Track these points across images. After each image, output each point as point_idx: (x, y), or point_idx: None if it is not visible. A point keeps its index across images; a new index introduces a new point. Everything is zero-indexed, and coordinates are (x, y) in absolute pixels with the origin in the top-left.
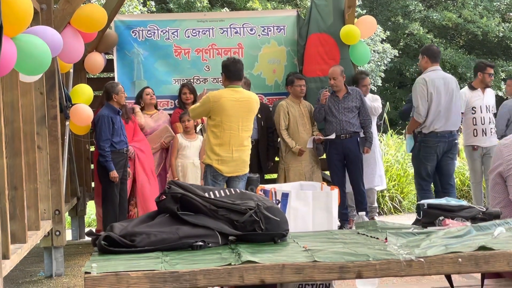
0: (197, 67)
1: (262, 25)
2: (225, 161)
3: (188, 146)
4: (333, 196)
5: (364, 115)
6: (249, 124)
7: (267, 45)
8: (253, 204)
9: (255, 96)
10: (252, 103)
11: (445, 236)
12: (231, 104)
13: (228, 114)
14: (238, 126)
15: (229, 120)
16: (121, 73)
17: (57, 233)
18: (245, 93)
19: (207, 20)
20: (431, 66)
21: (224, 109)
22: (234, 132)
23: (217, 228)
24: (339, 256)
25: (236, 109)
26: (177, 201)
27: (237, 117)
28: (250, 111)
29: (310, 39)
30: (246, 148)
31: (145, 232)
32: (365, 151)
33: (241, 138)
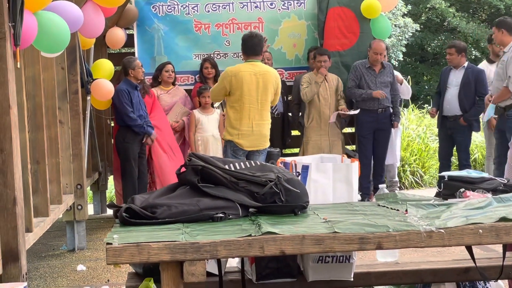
0: (217, 42)
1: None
2: (245, 135)
3: (206, 120)
4: (354, 169)
5: (395, 90)
6: (267, 98)
7: (288, 19)
8: (274, 176)
9: (273, 70)
10: (270, 77)
11: (466, 207)
12: (249, 77)
13: (248, 87)
14: (257, 99)
15: (248, 94)
16: (141, 49)
17: (79, 207)
18: (263, 67)
19: None
20: (510, 39)
21: (244, 82)
22: (253, 105)
23: (238, 200)
24: (359, 227)
25: (254, 83)
26: (198, 173)
27: (256, 90)
28: (268, 84)
29: (330, 13)
30: (266, 123)
31: (166, 204)
32: (395, 126)
33: (261, 112)
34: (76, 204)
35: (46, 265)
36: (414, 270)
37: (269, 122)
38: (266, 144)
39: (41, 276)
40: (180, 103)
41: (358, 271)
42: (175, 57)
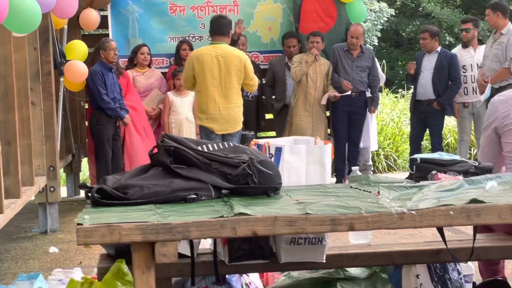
0: (192, 25)
1: None
2: (214, 119)
3: (180, 102)
4: (327, 151)
5: (374, 75)
6: (231, 81)
7: (263, 2)
8: (247, 158)
9: (238, 52)
10: (233, 59)
11: (437, 189)
12: (211, 60)
13: (210, 70)
14: (220, 83)
15: (211, 77)
16: (115, 31)
17: (52, 189)
18: (226, 49)
19: None
20: (505, 22)
21: (205, 65)
22: (217, 89)
23: (210, 181)
24: (331, 208)
25: (216, 65)
26: (170, 154)
27: (218, 73)
28: (231, 67)
29: None
30: (234, 105)
31: (138, 184)
32: (372, 111)
33: (226, 95)
34: (49, 186)
35: (17, 247)
36: (386, 252)
37: (238, 104)
38: (236, 127)
39: (13, 258)
40: (156, 86)
41: (331, 253)
42: (150, 40)
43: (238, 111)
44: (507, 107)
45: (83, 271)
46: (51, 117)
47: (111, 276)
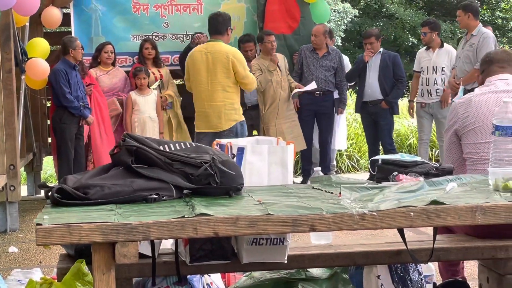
0: (155, 24)
1: None
2: (200, 117)
3: (143, 101)
4: (289, 151)
5: (340, 76)
6: (217, 78)
7: (227, 1)
8: (208, 158)
9: (227, 48)
10: (220, 55)
11: (398, 190)
12: (200, 57)
13: (198, 68)
14: (207, 80)
15: (199, 74)
16: (78, 29)
17: (12, 188)
18: (217, 46)
19: None
20: (476, 23)
21: (195, 63)
22: (203, 86)
23: (172, 181)
24: (292, 209)
25: (204, 63)
26: (132, 153)
27: (206, 70)
28: (217, 64)
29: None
30: (220, 104)
31: (99, 184)
32: (339, 112)
33: (212, 93)
34: (9, 184)
35: None
36: (347, 253)
37: (225, 103)
38: (223, 126)
39: None
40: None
41: (292, 254)
42: (113, 38)
43: (224, 109)
44: (467, 108)
45: (43, 271)
46: (11, 115)
47: (71, 277)
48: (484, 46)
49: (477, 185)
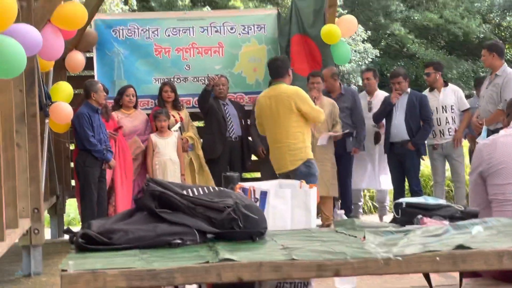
0: (177, 66)
1: (243, 23)
2: (272, 158)
3: (163, 143)
4: (312, 195)
5: (356, 116)
6: (281, 120)
7: (248, 43)
8: (232, 202)
9: (288, 89)
10: (281, 98)
11: (423, 234)
12: (265, 101)
13: (264, 112)
14: (273, 123)
15: (265, 118)
16: (101, 72)
17: (36, 232)
18: (280, 89)
19: (187, 19)
20: (501, 63)
21: (261, 107)
22: (271, 129)
23: (195, 225)
24: (317, 254)
25: (268, 107)
26: (155, 198)
27: (270, 114)
28: (280, 106)
29: (294, 39)
30: (284, 145)
31: (122, 229)
32: (353, 151)
33: (277, 135)
34: (33, 228)
35: None
36: None
37: (289, 143)
38: (288, 166)
39: None
40: (141, 128)
41: None
42: (135, 81)
43: (289, 150)
44: (492, 149)
45: None
46: (36, 159)
47: None
48: (508, 86)
49: (504, 228)
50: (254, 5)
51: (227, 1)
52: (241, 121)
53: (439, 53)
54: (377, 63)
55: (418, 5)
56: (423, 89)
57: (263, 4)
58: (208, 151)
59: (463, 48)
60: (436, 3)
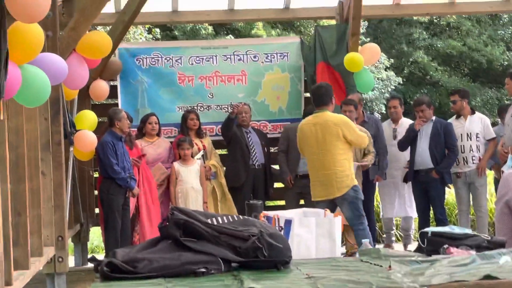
0: (200, 95)
1: (266, 52)
2: (315, 186)
3: (186, 171)
4: (336, 224)
5: (379, 144)
6: (328, 148)
7: (271, 71)
8: (256, 231)
9: (334, 117)
10: (328, 126)
11: (449, 264)
12: (309, 129)
13: (308, 140)
14: (318, 150)
15: (310, 145)
16: (124, 101)
17: (60, 259)
18: (325, 116)
19: (210, 47)
20: None
21: (305, 135)
22: (315, 156)
23: (220, 254)
24: (342, 283)
25: (314, 134)
26: (180, 227)
27: (315, 141)
28: (326, 134)
29: (319, 66)
30: (331, 172)
31: (147, 258)
32: (376, 179)
33: (323, 162)
34: (57, 256)
35: None
36: None
37: (336, 171)
38: (335, 193)
39: None
40: (164, 156)
41: None
42: (159, 109)
43: (336, 177)
44: None
45: None
46: (60, 187)
47: None
48: None
49: None
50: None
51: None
52: (264, 148)
53: (462, 80)
54: (400, 90)
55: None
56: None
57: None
58: (231, 179)
59: (487, 75)
60: (459, 31)
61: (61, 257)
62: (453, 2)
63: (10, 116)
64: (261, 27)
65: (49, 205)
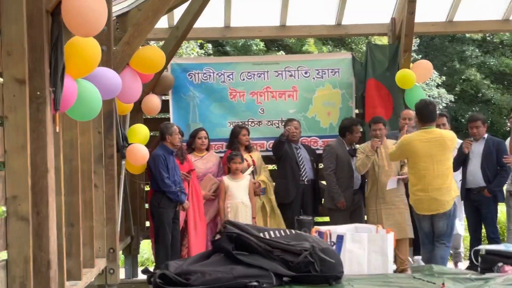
0: (251, 110)
1: (317, 68)
2: (422, 201)
3: (235, 186)
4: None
5: None
6: (442, 163)
7: (322, 87)
8: (308, 246)
9: (448, 133)
10: (444, 141)
11: (504, 283)
12: (421, 145)
13: (419, 155)
14: (432, 166)
15: (422, 161)
16: (176, 116)
17: (111, 271)
18: (437, 132)
19: (262, 63)
20: None
21: (416, 150)
22: (428, 171)
23: (272, 268)
24: None
25: (427, 149)
26: (232, 240)
27: (430, 157)
28: (443, 149)
29: (369, 83)
30: (444, 187)
31: (200, 270)
32: None
33: (434, 178)
34: (108, 268)
35: None
36: None
37: (447, 186)
38: (442, 208)
39: None
40: (214, 170)
41: None
42: (210, 124)
43: (448, 191)
44: None
45: None
46: (112, 200)
47: None
48: None
49: None
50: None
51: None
52: (313, 164)
53: None
54: (452, 108)
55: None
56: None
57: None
58: (281, 195)
59: None
60: None
61: (112, 269)
62: (507, 19)
63: (64, 129)
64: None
65: (101, 218)
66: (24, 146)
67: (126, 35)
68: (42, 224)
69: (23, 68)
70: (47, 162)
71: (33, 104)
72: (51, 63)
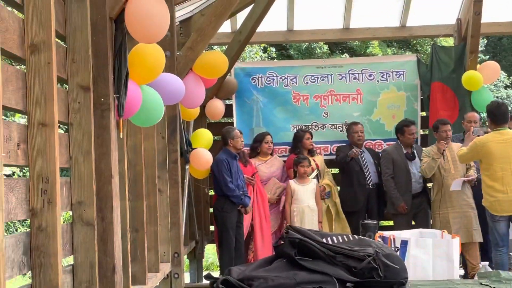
0: (315, 114)
1: (381, 70)
2: (500, 202)
3: (302, 190)
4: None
5: None
6: None
7: (386, 90)
8: (372, 251)
9: None
10: None
11: None
12: (497, 146)
13: (495, 156)
14: (510, 166)
15: (498, 162)
16: (240, 120)
17: (176, 276)
18: (509, 133)
19: (325, 66)
20: None
21: (491, 152)
22: (506, 172)
23: (335, 274)
24: None
25: (503, 150)
26: (295, 246)
27: (507, 158)
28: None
29: (434, 86)
30: None
31: (262, 276)
32: None
33: None
34: (173, 272)
35: None
36: None
37: None
38: None
39: None
40: (278, 174)
41: None
42: (273, 128)
43: None
44: None
45: None
46: (176, 204)
47: None
48: None
49: None
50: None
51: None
52: (377, 168)
53: None
54: None
55: None
56: None
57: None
58: (349, 203)
59: None
60: None
61: (177, 274)
62: None
63: (128, 134)
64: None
65: (166, 222)
66: (89, 152)
67: (189, 40)
68: (107, 230)
69: (87, 75)
70: (111, 168)
71: (97, 111)
72: (115, 69)
